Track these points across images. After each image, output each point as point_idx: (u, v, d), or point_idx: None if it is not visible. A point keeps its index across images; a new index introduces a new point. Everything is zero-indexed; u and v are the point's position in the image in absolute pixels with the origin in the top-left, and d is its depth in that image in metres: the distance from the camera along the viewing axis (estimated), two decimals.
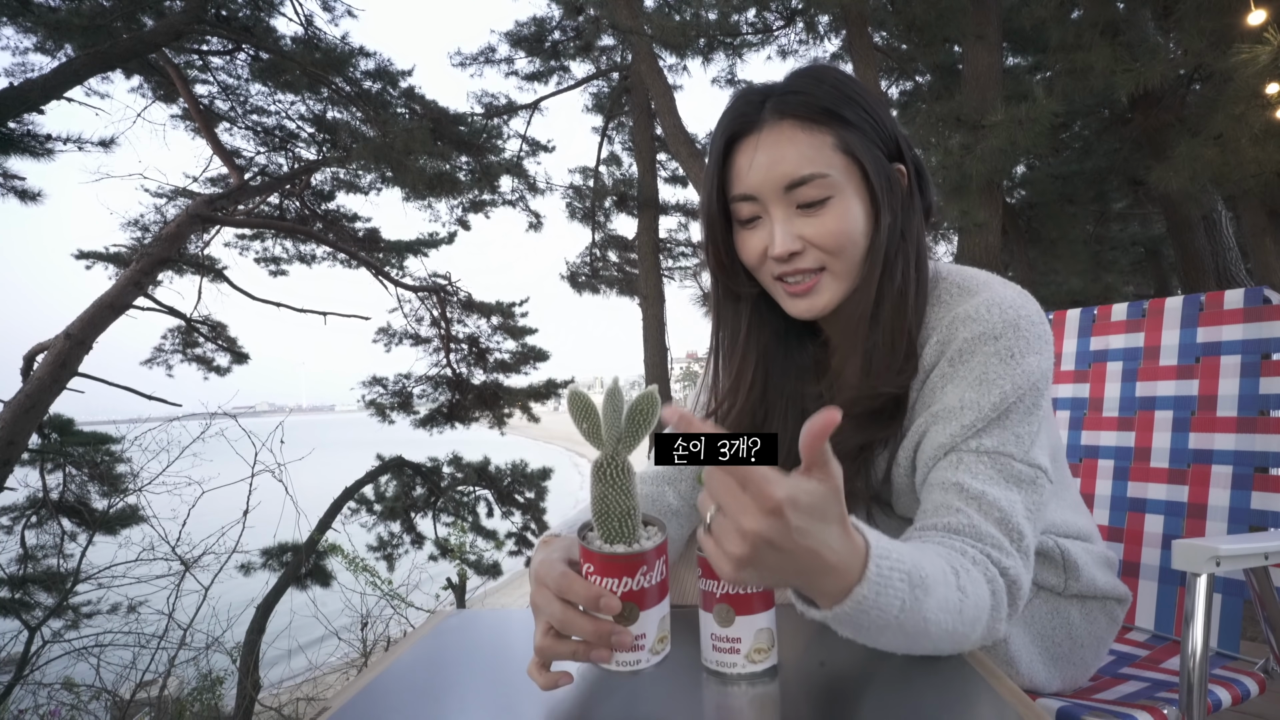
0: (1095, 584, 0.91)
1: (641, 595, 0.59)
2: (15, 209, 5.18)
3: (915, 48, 6.23)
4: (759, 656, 0.63)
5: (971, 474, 0.74)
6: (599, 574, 0.59)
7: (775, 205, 0.80)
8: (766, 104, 0.80)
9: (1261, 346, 1.13)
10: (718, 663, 0.64)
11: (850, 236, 0.79)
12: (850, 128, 0.79)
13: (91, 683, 3.42)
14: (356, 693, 0.64)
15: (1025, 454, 0.75)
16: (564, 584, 0.59)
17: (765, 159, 0.79)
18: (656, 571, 0.60)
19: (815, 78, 0.81)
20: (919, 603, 0.58)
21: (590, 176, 8.66)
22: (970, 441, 0.75)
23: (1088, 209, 6.74)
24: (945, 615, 0.61)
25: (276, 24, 5.79)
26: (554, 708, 0.60)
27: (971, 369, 0.77)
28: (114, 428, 4.98)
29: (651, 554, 0.59)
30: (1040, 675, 0.88)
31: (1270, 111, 3.20)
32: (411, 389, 6.95)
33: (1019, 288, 0.82)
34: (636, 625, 0.59)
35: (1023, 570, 0.71)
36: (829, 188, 0.78)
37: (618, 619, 0.58)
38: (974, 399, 0.75)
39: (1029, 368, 0.76)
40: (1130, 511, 1.24)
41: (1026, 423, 0.76)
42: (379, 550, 6.18)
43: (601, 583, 0.58)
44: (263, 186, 6.34)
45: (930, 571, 0.60)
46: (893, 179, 0.82)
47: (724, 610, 0.63)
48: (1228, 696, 0.93)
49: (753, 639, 0.63)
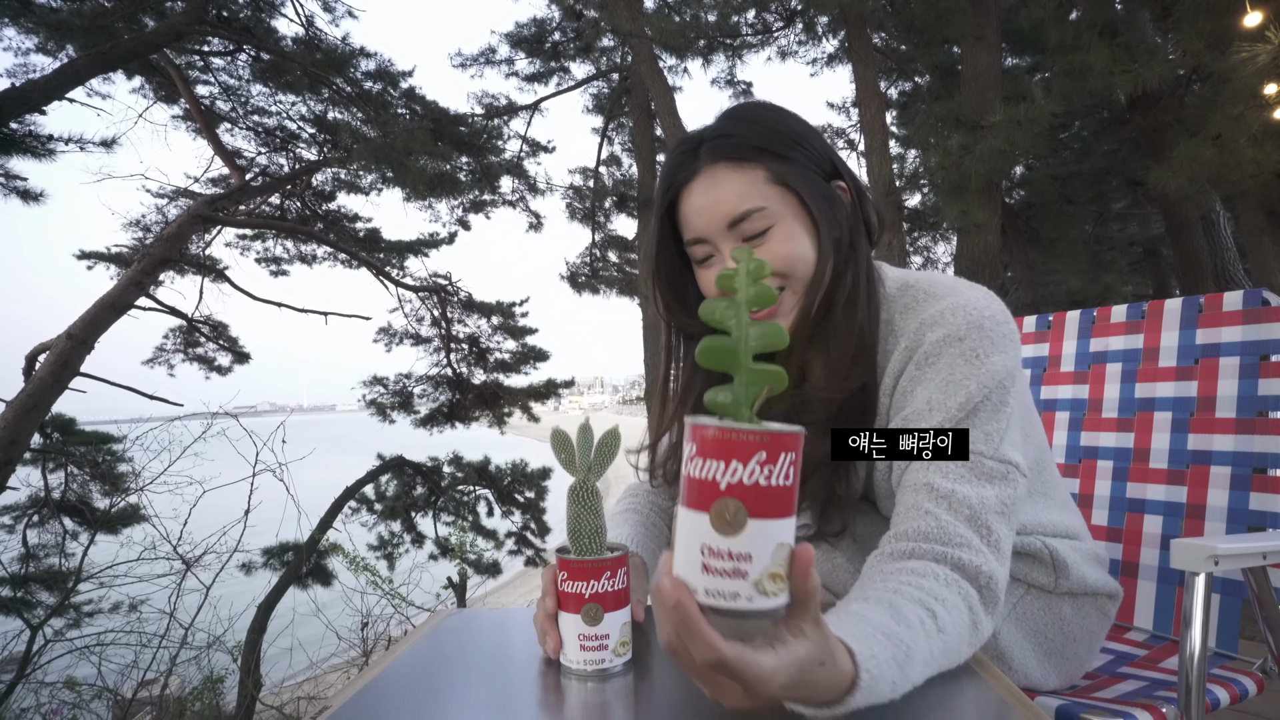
0: (1086, 581, 0.93)
1: (604, 598, 0.70)
2: (17, 209, 5.19)
3: (914, 48, 6.25)
4: (772, 587, 0.53)
5: (941, 473, 0.76)
6: (570, 578, 0.70)
7: (723, 242, 0.85)
8: (700, 150, 0.86)
9: (1260, 348, 1.13)
10: (711, 591, 0.50)
11: (799, 257, 0.83)
12: (780, 159, 0.84)
13: (93, 681, 3.42)
14: (357, 691, 0.64)
15: (995, 451, 0.77)
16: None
17: (705, 201, 0.84)
18: (618, 579, 0.71)
19: (740, 118, 0.87)
20: (907, 676, 0.59)
21: (590, 177, 8.66)
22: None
23: (1086, 209, 6.75)
24: (933, 664, 0.62)
25: (277, 25, 5.81)
26: (554, 707, 0.61)
27: (938, 371, 0.79)
28: (115, 427, 4.98)
29: (613, 562, 0.71)
30: (1035, 672, 0.89)
31: (1268, 112, 3.21)
32: (412, 389, 6.95)
33: (985, 290, 0.85)
34: (600, 626, 0.69)
35: (995, 566, 0.72)
36: (769, 218, 0.83)
37: (585, 620, 0.69)
38: (941, 400, 0.78)
39: (994, 367, 0.78)
40: (1129, 512, 1.25)
41: (995, 420, 0.78)
42: (379, 549, 6.18)
43: (571, 586, 0.70)
44: (264, 187, 6.34)
45: (912, 641, 0.60)
46: (831, 196, 0.86)
47: (730, 508, 0.51)
48: (1226, 696, 0.94)
49: (770, 558, 0.51)
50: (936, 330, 0.80)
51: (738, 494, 0.45)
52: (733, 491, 0.45)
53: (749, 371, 0.49)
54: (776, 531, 0.46)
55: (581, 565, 0.71)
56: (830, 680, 0.52)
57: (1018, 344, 0.83)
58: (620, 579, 0.72)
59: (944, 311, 0.81)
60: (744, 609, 0.46)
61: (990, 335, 0.79)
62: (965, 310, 0.80)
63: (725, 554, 0.45)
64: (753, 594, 0.46)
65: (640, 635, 0.77)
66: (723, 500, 0.45)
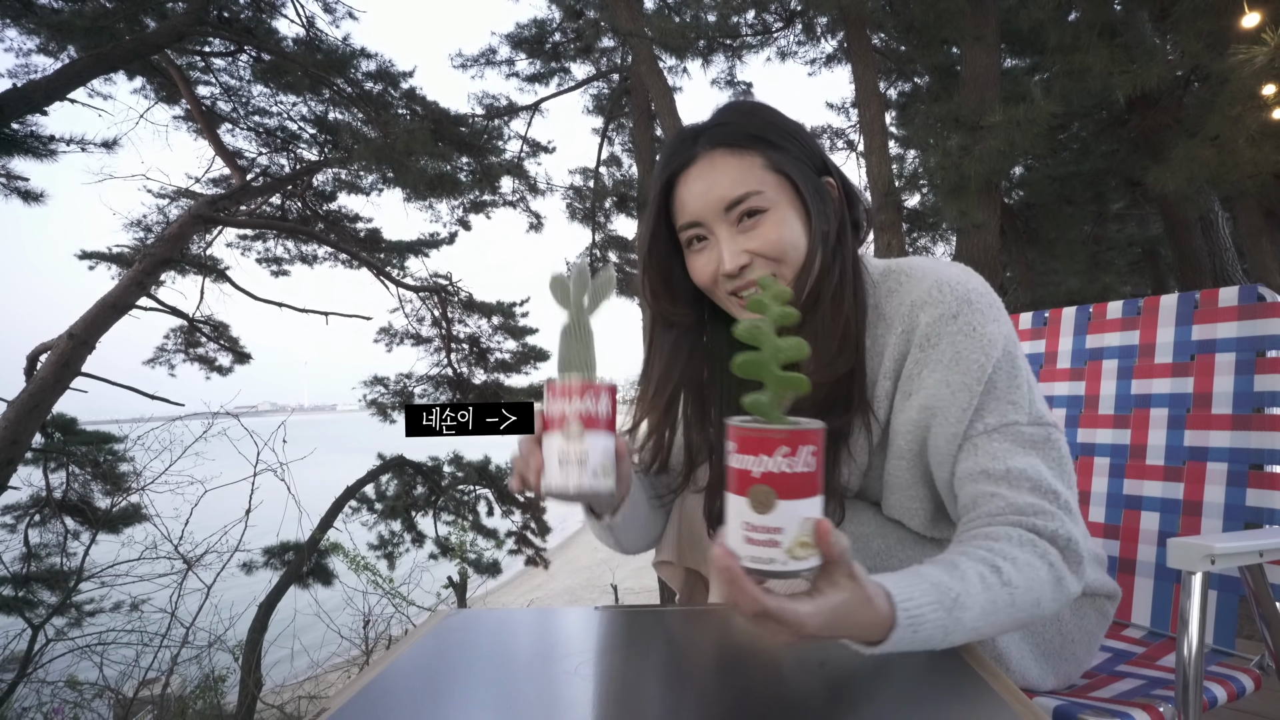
0: (1086, 580, 0.93)
1: (587, 417, 0.70)
2: (19, 210, 5.19)
3: (914, 49, 6.24)
4: (803, 551, 0.56)
5: (990, 455, 0.78)
6: (554, 396, 0.71)
7: (718, 226, 0.87)
8: (699, 140, 0.88)
9: (1256, 344, 1.13)
10: (753, 558, 0.57)
11: (791, 243, 0.85)
12: (776, 148, 0.86)
13: (94, 681, 3.43)
14: (357, 691, 0.63)
15: (1028, 415, 0.80)
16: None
17: (703, 186, 0.86)
18: (603, 403, 0.71)
19: (738, 110, 0.91)
20: (959, 621, 0.65)
21: (590, 177, 8.65)
22: (975, 425, 0.80)
23: (1086, 209, 6.75)
24: (995, 615, 0.68)
25: (278, 25, 5.81)
26: (555, 707, 0.60)
27: (943, 351, 0.81)
28: (117, 427, 5.00)
29: (599, 386, 0.71)
30: (1033, 672, 0.89)
31: (1266, 113, 3.21)
32: (413, 388, 6.95)
33: (962, 266, 0.88)
34: (580, 444, 0.70)
35: (1072, 526, 0.75)
36: (764, 202, 0.85)
37: (566, 436, 0.70)
38: (958, 379, 0.80)
39: (993, 335, 0.81)
40: (1126, 509, 1.25)
41: (1014, 386, 0.81)
42: (380, 549, 6.19)
43: (555, 403, 0.70)
44: (265, 187, 6.35)
45: (964, 589, 0.67)
46: (822, 190, 0.89)
47: (762, 493, 0.56)
48: (1223, 694, 0.93)
49: (797, 530, 0.56)
50: (928, 310, 0.83)
51: (768, 480, 0.56)
52: (764, 479, 0.56)
53: (777, 379, 0.58)
54: (802, 508, 0.56)
55: (566, 385, 0.71)
56: (872, 619, 0.61)
57: (1004, 311, 0.86)
58: (604, 403, 0.71)
59: (930, 290, 0.83)
60: (780, 570, 0.56)
61: (979, 307, 0.82)
62: (950, 285, 0.83)
63: (761, 528, 0.56)
64: (786, 559, 0.56)
65: (655, 633, 0.77)
66: (756, 486, 0.56)
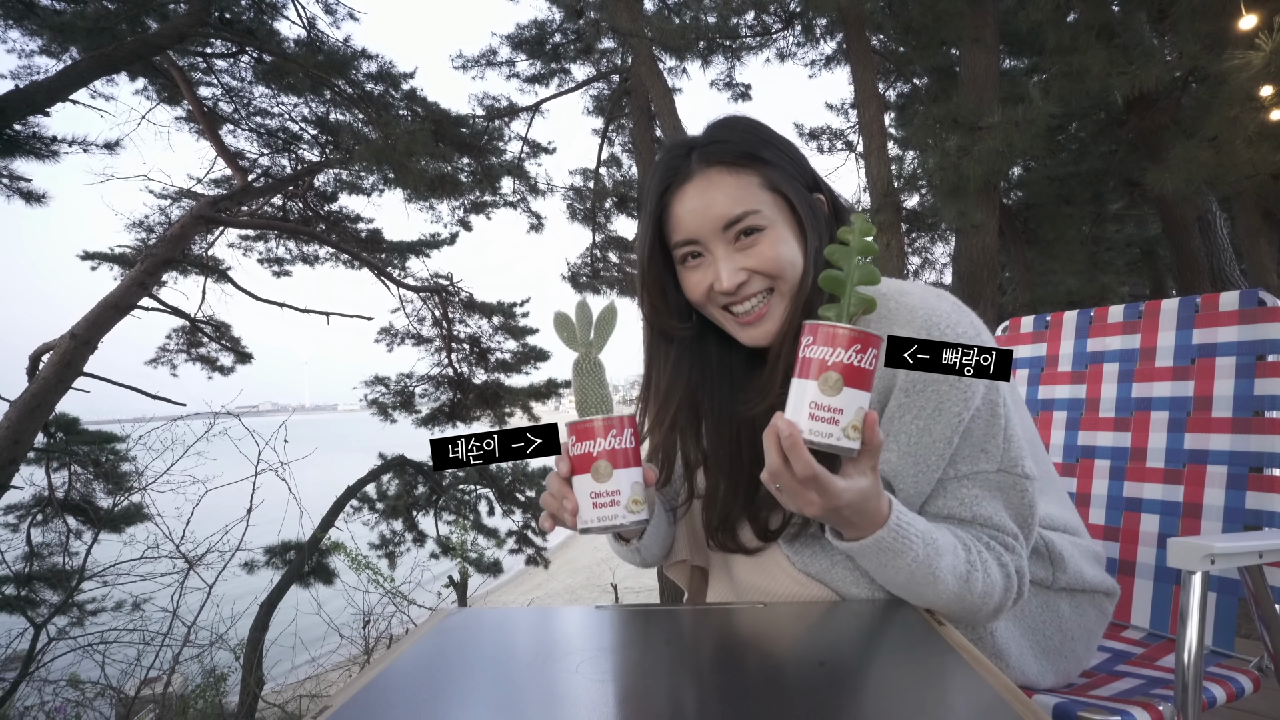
0: (1083, 577, 0.94)
1: (614, 455, 0.73)
2: (21, 210, 5.19)
3: (913, 50, 6.25)
4: (854, 434, 0.68)
5: (959, 501, 0.82)
6: (579, 439, 0.74)
7: (716, 244, 0.87)
8: (693, 155, 0.88)
9: (1256, 348, 1.14)
10: (813, 431, 0.68)
11: (788, 260, 0.86)
12: (771, 166, 0.87)
13: (96, 679, 3.43)
14: (358, 690, 0.63)
15: (999, 463, 0.82)
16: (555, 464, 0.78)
17: (700, 204, 0.86)
18: (625, 437, 0.74)
19: (732, 127, 0.91)
20: (930, 561, 0.75)
21: (591, 178, 8.65)
22: (947, 470, 0.82)
23: (1084, 210, 6.76)
24: (953, 579, 0.76)
25: (279, 27, 5.79)
26: (555, 706, 0.60)
27: (927, 399, 0.81)
28: (119, 427, 4.99)
29: (621, 420, 0.74)
30: (1032, 669, 0.90)
31: (1264, 114, 3.22)
32: (413, 388, 6.95)
33: (951, 299, 0.87)
34: (610, 483, 0.73)
35: (1025, 566, 0.81)
36: (762, 221, 0.86)
37: (595, 477, 0.73)
38: (939, 430, 0.81)
39: (974, 384, 0.81)
40: (1126, 511, 1.26)
41: (990, 435, 0.82)
42: (381, 548, 6.19)
43: (580, 446, 0.73)
44: (266, 188, 6.34)
45: (944, 541, 0.77)
46: (814, 207, 0.89)
47: (832, 378, 0.68)
48: (1222, 694, 0.94)
49: (853, 415, 0.68)
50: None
51: (838, 370, 0.67)
52: (835, 367, 0.67)
53: (853, 295, 0.71)
54: (860, 398, 0.68)
55: (588, 425, 0.73)
56: (875, 512, 0.73)
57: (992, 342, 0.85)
58: (627, 437, 0.74)
59: (918, 333, 0.81)
60: (834, 445, 0.68)
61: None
62: (940, 331, 0.81)
63: (827, 408, 0.67)
64: (841, 437, 0.67)
65: (655, 632, 0.77)
66: (829, 372, 0.67)
